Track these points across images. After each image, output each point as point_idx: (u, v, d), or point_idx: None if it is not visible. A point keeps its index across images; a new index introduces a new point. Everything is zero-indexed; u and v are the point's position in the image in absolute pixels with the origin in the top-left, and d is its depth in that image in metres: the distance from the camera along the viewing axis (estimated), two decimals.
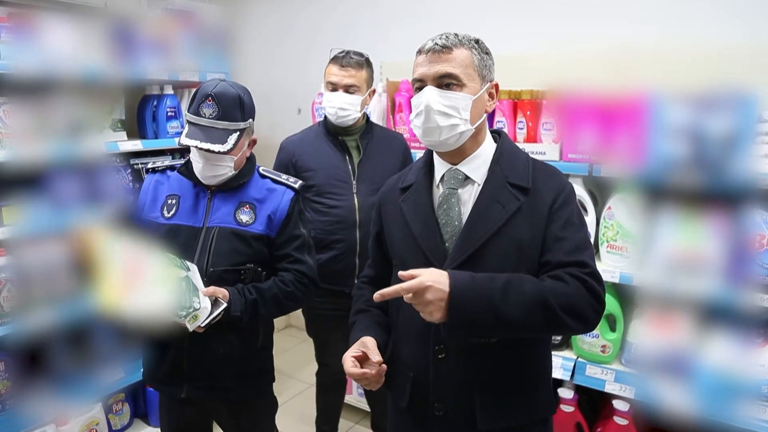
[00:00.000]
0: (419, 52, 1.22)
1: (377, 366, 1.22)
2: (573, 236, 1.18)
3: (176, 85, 2.69)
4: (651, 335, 1.94)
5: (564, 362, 2.11)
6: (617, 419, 2.02)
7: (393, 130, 2.45)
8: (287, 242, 1.62)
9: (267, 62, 3.59)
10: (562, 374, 2.09)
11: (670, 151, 1.81)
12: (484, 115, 1.24)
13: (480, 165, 1.25)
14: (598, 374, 2.05)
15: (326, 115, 2.16)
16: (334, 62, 2.12)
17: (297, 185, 1.66)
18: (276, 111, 3.57)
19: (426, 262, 1.18)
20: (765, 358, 1.76)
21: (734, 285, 1.77)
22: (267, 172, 1.67)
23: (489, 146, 1.28)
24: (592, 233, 2.09)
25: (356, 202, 2.12)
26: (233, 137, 1.49)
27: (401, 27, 2.95)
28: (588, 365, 2.07)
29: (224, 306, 1.46)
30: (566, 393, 2.12)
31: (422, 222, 1.25)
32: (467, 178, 1.25)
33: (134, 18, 2.48)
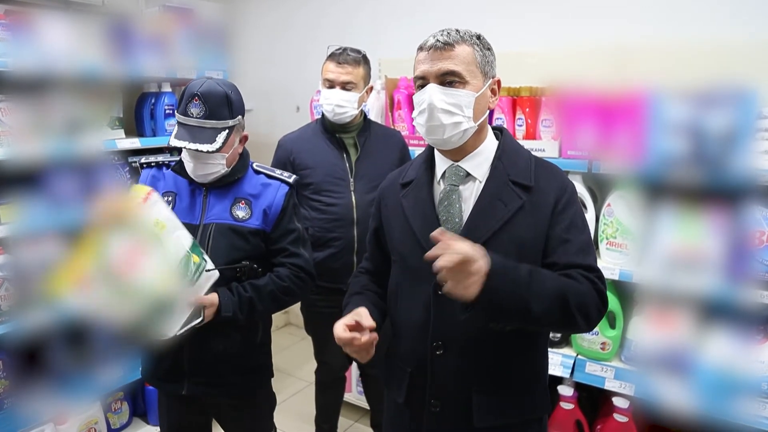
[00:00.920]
0: (420, 49, 1.21)
1: (368, 333, 1.19)
2: (577, 238, 1.19)
3: (174, 83, 2.68)
4: (651, 332, 1.95)
5: (564, 359, 2.11)
6: (617, 416, 2.02)
7: (390, 128, 2.44)
8: (283, 236, 1.62)
9: (266, 60, 3.58)
10: (562, 371, 2.09)
11: (670, 148, 1.81)
12: (487, 112, 1.24)
13: (482, 162, 1.25)
14: (598, 371, 2.05)
15: (324, 113, 2.16)
16: (331, 59, 2.12)
17: (291, 180, 1.67)
18: (275, 109, 3.58)
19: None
20: (765, 355, 1.76)
21: (734, 282, 1.77)
22: (261, 168, 1.68)
23: (491, 143, 1.27)
24: (592, 230, 2.08)
25: (354, 200, 2.11)
26: (222, 136, 1.49)
27: (400, 24, 2.95)
28: (588, 362, 2.07)
29: (199, 320, 1.45)
30: (566, 390, 2.12)
31: (422, 218, 1.25)
32: (468, 175, 1.24)
33: (132, 15, 2.48)
